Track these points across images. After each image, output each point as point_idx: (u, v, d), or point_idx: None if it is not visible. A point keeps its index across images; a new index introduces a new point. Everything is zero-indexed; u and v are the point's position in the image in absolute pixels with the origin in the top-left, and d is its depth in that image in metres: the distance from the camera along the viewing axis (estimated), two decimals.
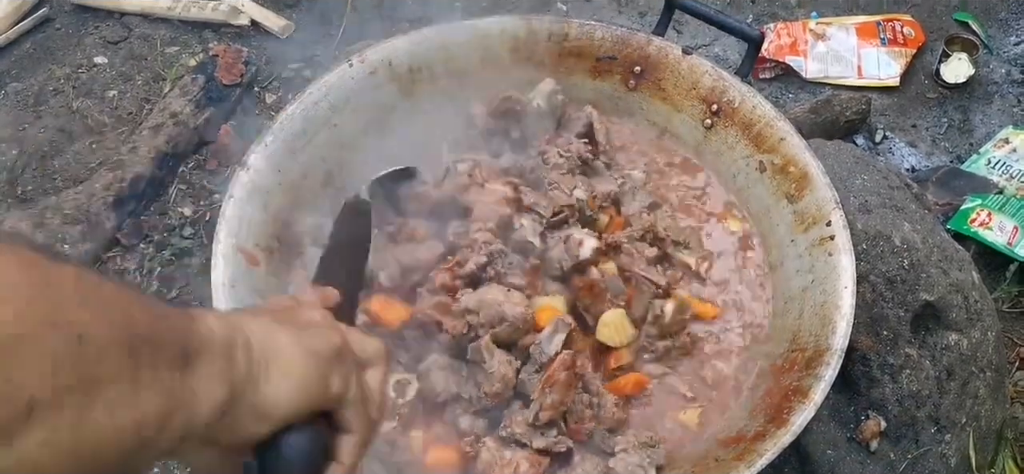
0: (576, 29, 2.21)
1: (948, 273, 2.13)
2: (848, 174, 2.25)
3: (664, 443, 1.72)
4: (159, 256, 2.78)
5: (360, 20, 3.59)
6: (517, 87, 2.16)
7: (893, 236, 2.10)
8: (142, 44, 3.44)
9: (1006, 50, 3.64)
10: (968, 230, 2.89)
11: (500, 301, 1.77)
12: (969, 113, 3.41)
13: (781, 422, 1.63)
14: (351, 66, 2.09)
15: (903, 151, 3.26)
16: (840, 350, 1.70)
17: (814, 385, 1.65)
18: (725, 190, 2.15)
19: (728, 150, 2.12)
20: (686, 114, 2.18)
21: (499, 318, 1.75)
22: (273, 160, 1.93)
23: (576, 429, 1.71)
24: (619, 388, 1.81)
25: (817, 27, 3.57)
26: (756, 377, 1.85)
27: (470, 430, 1.72)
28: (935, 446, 2.06)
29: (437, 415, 1.75)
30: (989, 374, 2.16)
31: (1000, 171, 3.09)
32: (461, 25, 2.20)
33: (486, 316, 1.75)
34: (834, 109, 3.18)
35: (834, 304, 1.78)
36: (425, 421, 1.75)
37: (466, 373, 1.76)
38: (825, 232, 1.88)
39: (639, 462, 1.67)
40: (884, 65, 3.48)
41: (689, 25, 3.58)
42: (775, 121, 2.04)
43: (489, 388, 1.70)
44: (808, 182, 1.95)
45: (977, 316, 2.15)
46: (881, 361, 2.04)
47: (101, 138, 3.11)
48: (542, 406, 1.66)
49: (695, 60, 2.16)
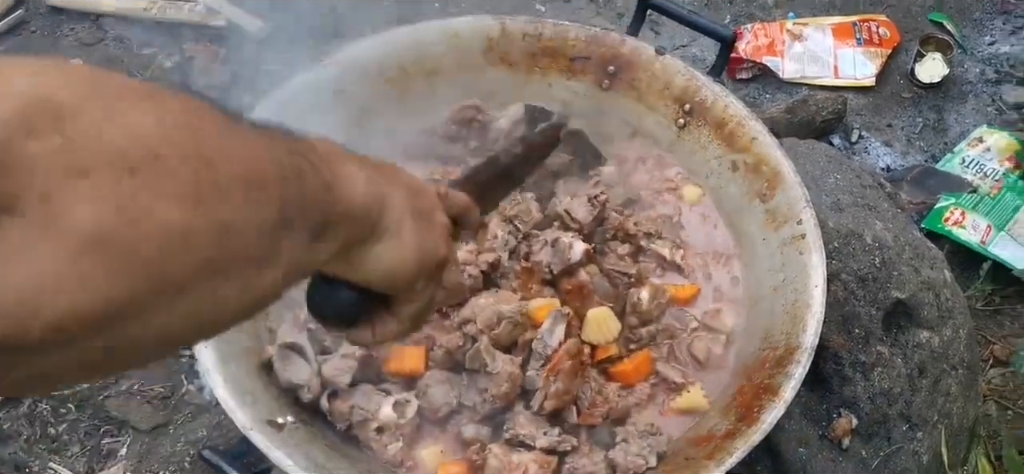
0: (550, 29, 2.21)
1: (920, 271, 2.14)
2: (821, 173, 2.26)
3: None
4: None
5: (337, 21, 3.58)
6: (491, 89, 2.16)
7: (865, 234, 2.11)
8: (118, 46, 3.44)
9: (980, 50, 3.66)
10: (942, 229, 2.91)
11: (492, 302, 1.77)
12: (944, 113, 3.43)
13: (752, 420, 1.63)
14: (323, 67, 2.08)
15: (878, 150, 3.28)
16: (810, 348, 1.70)
17: (784, 383, 1.66)
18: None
19: (701, 150, 2.13)
20: (659, 114, 2.18)
21: (496, 318, 1.74)
22: None
23: (589, 414, 1.71)
24: (625, 375, 1.81)
25: (794, 28, 3.59)
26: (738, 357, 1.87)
27: (476, 438, 1.71)
28: (907, 443, 2.07)
29: (440, 429, 1.75)
30: (961, 372, 2.17)
31: (974, 170, 3.11)
32: (434, 25, 2.19)
33: (483, 320, 1.74)
34: (810, 109, 3.19)
35: (805, 302, 1.78)
36: (430, 437, 1.74)
37: (466, 382, 1.75)
38: (796, 230, 1.88)
39: (639, 451, 1.68)
40: (860, 65, 3.50)
41: (667, 26, 3.59)
42: (747, 120, 2.05)
43: (496, 390, 1.69)
44: (780, 181, 1.96)
45: (949, 314, 2.16)
46: (853, 359, 2.05)
47: None
48: (547, 395, 1.66)
49: (668, 60, 2.16)
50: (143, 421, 2.47)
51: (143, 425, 2.47)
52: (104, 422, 2.49)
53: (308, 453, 1.59)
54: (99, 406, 2.51)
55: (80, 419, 2.49)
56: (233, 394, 1.59)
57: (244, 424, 1.55)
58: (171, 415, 2.49)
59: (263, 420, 1.59)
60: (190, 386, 2.54)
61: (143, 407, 2.51)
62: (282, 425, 1.62)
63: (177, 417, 2.48)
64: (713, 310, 1.93)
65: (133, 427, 2.48)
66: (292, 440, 1.61)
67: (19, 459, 2.40)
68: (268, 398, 1.68)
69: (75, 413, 2.50)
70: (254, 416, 1.58)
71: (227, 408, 1.58)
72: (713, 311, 1.92)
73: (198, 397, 2.52)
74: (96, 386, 2.54)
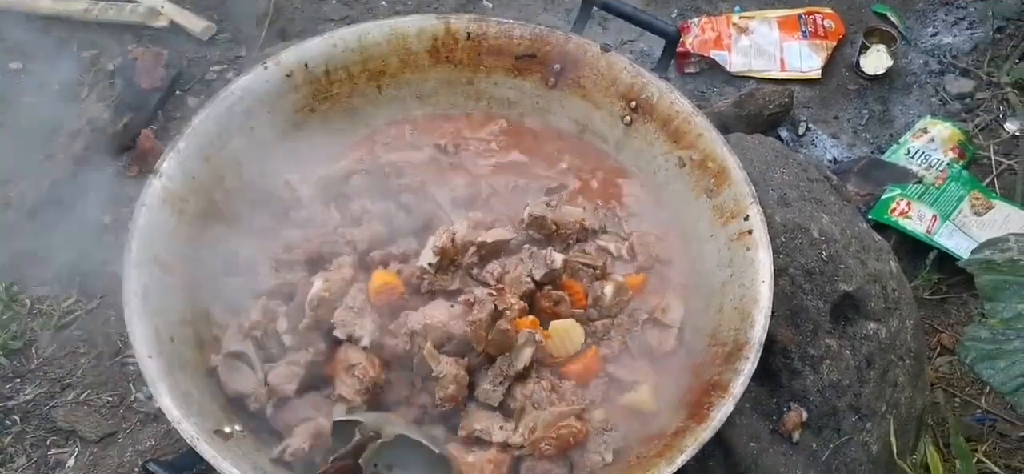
0: (495, 28, 2.20)
1: (866, 263, 2.16)
2: (767, 168, 2.27)
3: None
4: (78, 265, 2.71)
5: (284, 20, 3.55)
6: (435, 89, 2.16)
7: (811, 228, 2.13)
8: (58, 48, 3.37)
9: (924, 41, 3.70)
10: (888, 219, 2.94)
11: (444, 320, 1.75)
12: (889, 104, 3.47)
13: (701, 417, 1.64)
14: (266, 68, 2.06)
15: (825, 142, 3.30)
16: (759, 343, 1.71)
17: (733, 379, 1.67)
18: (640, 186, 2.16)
19: (648, 147, 2.13)
20: (606, 111, 2.18)
21: (446, 337, 1.74)
22: (186, 166, 1.90)
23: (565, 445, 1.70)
24: (576, 373, 1.81)
25: (740, 21, 3.61)
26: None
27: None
28: (856, 434, 2.09)
29: None
30: (908, 361, 2.19)
31: (919, 160, 3.14)
32: (378, 25, 2.17)
33: (434, 337, 1.73)
34: (758, 102, 3.20)
35: (752, 298, 1.79)
36: None
37: (419, 384, 1.75)
38: (743, 226, 1.89)
39: (595, 448, 1.70)
40: (806, 58, 3.53)
41: (613, 21, 3.59)
42: (693, 117, 2.05)
43: (443, 392, 1.69)
44: (726, 177, 1.97)
45: (895, 305, 2.18)
46: (801, 352, 2.06)
47: (18, 144, 3.03)
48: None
49: (614, 57, 2.16)
50: (91, 431, 2.43)
51: (91, 435, 2.43)
52: (51, 432, 2.45)
53: (256, 463, 1.58)
54: (45, 416, 2.47)
55: (25, 430, 2.44)
56: (178, 405, 1.57)
57: (191, 435, 1.53)
58: (119, 424, 2.45)
59: (210, 430, 1.57)
60: (139, 394, 2.51)
61: (91, 417, 2.46)
62: (230, 434, 1.60)
63: (126, 426, 2.45)
64: (661, 306, 1.93)
65: (81, 437, 2.43)
66: (239, 450, 1.59)
67: None
68: (215, 407, 1.66)
69: (20, 424, 2.45)
70: (200, 427, 1.55)
71: (172, 419, 1.55)
72: (661, 307, 1.92)
73: (147, 405, 2.48)
74: (42, 396, 2.50)
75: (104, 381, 2.54)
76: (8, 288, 2.65)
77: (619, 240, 2.02)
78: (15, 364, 2.56)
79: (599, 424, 1.73)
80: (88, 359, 2.58)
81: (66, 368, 2.56)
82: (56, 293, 2.69)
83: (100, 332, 2.63)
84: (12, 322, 2.61)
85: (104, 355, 2.59)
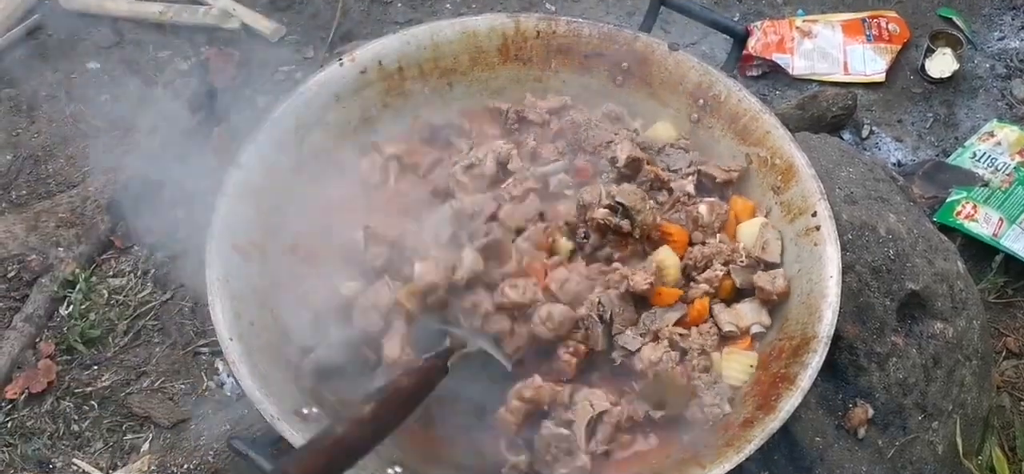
0: (564, 26, 2.24)
1: (933, 262, 2.16)
2: (833, 167, 2.28)
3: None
4: (153, 258, 2.80)
5: (351, 23, 3.61)
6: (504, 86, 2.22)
7: (878, 226, 2.13)
8: (134, 49, 3.47)
9: (990, 45, 3.67)
10: (954, 222, 2.92)
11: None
12: (954, 107, 3.45)
13: (769, 409, 1.65)
14: (342, 65, 2.11)
15: (889, 146, 3.29)
16: (826, 337, 1.72)
17: (801, 372, 1.68)
18: None
19: (715, 143, 2.15)
20: (673, 109, 2.20)
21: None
22: (265, 158, 1.96)
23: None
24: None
25: (803, 25, 3.60)
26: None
27: None
28: (922, 433, 2.09)
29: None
30: (975, 362, 2.19)
31: (985, 164, 3.12)
32: (450, 23, 2.22)
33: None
34: (821, 105, 3.20)
35: (820, 292, 1.80)
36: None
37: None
38: (811, 223, 1.90)
39: (712, 401, 1.79)
40: (870, 61, 3.52)
41: (677, 23, 3.60)
42: (761, 114, 2.07)
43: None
44: (793, 174, 1.98)
45: (962, 305, 2.18)
46: (868, 349, 2.07)
47: (95, 142, 3.13)
48: None
49: (681, 56, 2.18)
50: (165, 417, 2.50)
51: (165, 421, 2.50)
52: (126, 418, 2.52)
53: None
54: (121, 403, 2.54)
55: (103, 416, 2.52)
56: (259, 386, 1.62)
57: (271, 414, 1.58)
58: (192, 411, 2.52)
59: (289, 411, 1.62)
60: (210, 383, 2.57)
61: (165, 403, 2.53)
62: (307, 415, 1.65)
63: (198, 413, 2.51)
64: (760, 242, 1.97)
65: (155, 423, 2.50)
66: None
67: (42, 455, 2.44)
68: (293, 389, 1.71)
69: (98, 410, 2.53)
70: (280, 407, 1.60)
71: (254, 399, 1.60)
72: (760, 243, 1.97)
73: (218, 394, 2.55)
74: (118, 383, 2.57)
75: (177, 369, 2.61)
76: (87, 279, 2.73)
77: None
78: (93, 352, 2.63)
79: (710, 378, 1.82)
80: (162, 348, 2.66)
81: (141, 356, 2.64)
82: (132, 284, 2.76)
83: (174, 322, 2.70)
84: (90, 311, 2.69)
85: (178, 345, 2.66)
